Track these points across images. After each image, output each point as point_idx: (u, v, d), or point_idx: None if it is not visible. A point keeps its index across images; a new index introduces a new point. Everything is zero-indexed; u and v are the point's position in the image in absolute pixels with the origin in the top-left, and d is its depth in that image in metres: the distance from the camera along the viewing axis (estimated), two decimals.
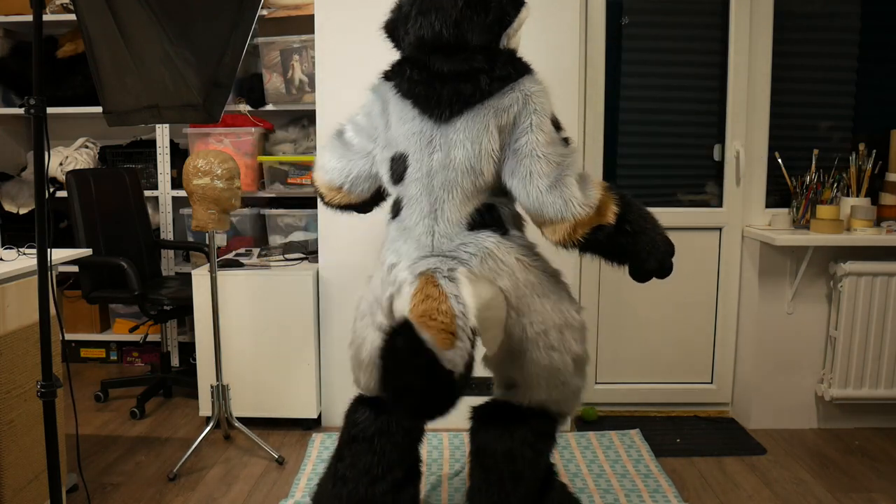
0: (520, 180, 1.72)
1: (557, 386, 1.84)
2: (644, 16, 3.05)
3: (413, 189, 1.82)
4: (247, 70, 3.62)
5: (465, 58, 1.75)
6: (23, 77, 3.69)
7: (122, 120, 1.86)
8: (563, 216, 1.70)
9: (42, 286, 1.64)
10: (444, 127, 1.77)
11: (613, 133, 3.09)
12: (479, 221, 1.79)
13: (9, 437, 1.98)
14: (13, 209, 3.67)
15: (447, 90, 1.76)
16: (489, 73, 1.74)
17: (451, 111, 1.76)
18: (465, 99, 1.75)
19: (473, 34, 1.74)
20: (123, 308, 3.89)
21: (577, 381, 1.90)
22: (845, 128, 3.10)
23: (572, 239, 1.73)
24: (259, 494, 2.46)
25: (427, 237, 1.80)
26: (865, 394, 2.90)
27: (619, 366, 3.17)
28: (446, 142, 1.77)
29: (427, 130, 1.79)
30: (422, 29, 1.75)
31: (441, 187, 1.78)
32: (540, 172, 1.70)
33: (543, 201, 1.70)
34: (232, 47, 1.69)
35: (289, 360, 2.94)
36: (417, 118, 1.80)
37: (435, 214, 1.79)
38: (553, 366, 1.81)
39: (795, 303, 2.95)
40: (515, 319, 1.79)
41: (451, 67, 1.76)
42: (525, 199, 1.74)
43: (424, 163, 1.80)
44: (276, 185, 3.43)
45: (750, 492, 2.47)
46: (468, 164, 1.76)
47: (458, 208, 1.78)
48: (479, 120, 1.74)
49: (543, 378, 1.82)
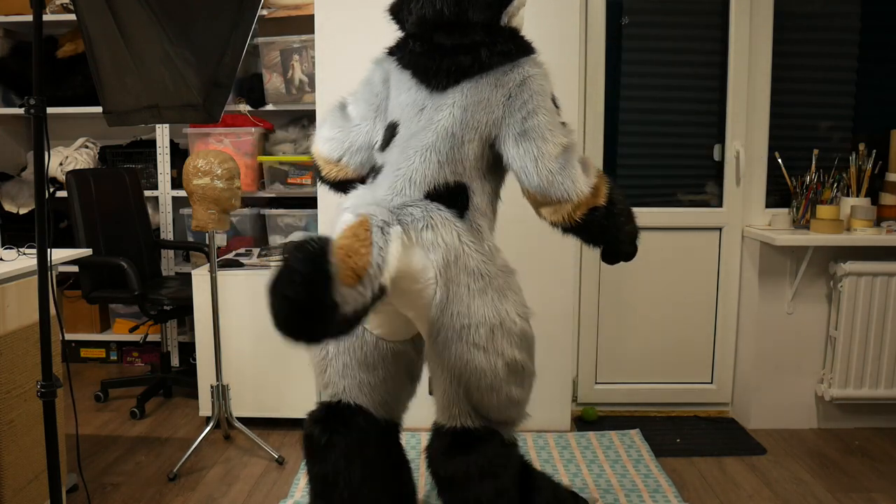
0: (531, 160, 1.71)
1: (484, 390, 1.72)
2: (644, 16, 3.05)
3: (393, 154, 1.79)
4: (247, 70, 3.62)
5: (467, 32, 1.76)
6: (23, 77, 3.69)
7: (122, 120, 1.86)
8: (570, 197, 1.70)
9: (42, 286, 1.64)
10: (437, 96, 1.77)
11: (613, 133, 3.09)
12: (440, 195, 1.73)
13: (9, 437, 1.98)
14: (13, 209, 3.67)
15: (446, 62, 1.76)
16: (490, 46, 1.75)
17: (448, 81, 1.76)
18: (464, 70, 1.75)
19: (474, 11, 1.75)
20: (123, 308, 3.89)
21: (515, 391, 1.77)
22: (845, 128, 3.10)
23: (572, 219, 1.72)
24: (259, 494, 2.46)
25: (386, 190, 1.75)
26: (865, 394, 2.90)
27: (619, 366, 3.17)
28: (437, 109, 1.76)
29: (420, 99, 1.79)
30: (423, 8, 1.76)
31: (416, 149, 1.75)
32: (550, 154, 1.70)
33: (553, 181, 1.70)
34: (232, 47, 1.69)
35: (289, 360, 2.94)
36: (414, 88, 1.80)
37: (399, 172, 1.75)
38: (476, 365, 1.69)
39: (795, 303, 2.95)
40: (440, 304, 1.68)
41: (452, 41, 1.76)
42: (534, 178, 1.71)
43: (411, 129, 1.78)
44: (276, 185, 3.43)
45: (750, 492, 2.47)
46: (451, 129, 1.73)
47: (426, 172, 1.73)
48: (475, 91, 1.74)
49: (468, 378, 1.71)
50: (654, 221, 3.03)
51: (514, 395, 1.77)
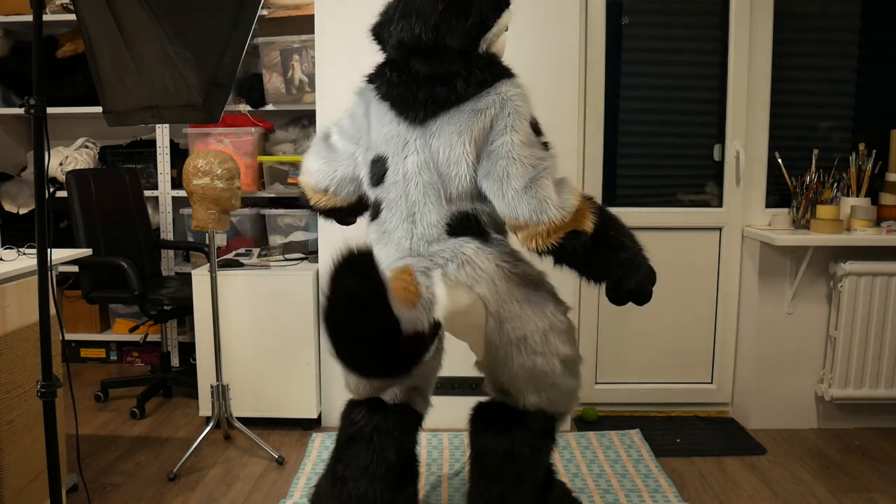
0: (495, 181, 1.69)
1: (546, 388, 1.84)
2: (644, 16, 3.05)
3: (392, 193, 1.82)
4: (247, 70, 3.62)
5: (442, 60, 1.74)
6: (23, 77, 3.69)
7: (122, 120, 1.86)
8: (539, 218, 1.65)
9: (42, 286, 1.64)
10: (419, 130, 1.77)
11: (613, 133, 3.09)
12: (458, 227, 1.77)
13: (9, 437, 1.98)
14: (13, 209, 3.67)
15: (422, 93, 1.76)
16: (466, 77, 1.73)
17: (426, 114, 1.76)
18: (441, 102, 1.74)
19: (452, 38, 1.73)
20: (123, 308, 3.89)
21: (570, 382, 1.89)
22: (845, 128, 3.10)
23: (546, 243, 1.67)
24: (259, 494, 2.46)
25: (406, 241, 1.80)
26: (865, 394, 2.90)
27: (619, 366, 3.17)
28: (421, 145, 1.77)
29: (403, 133, 1.79)
30: (402, 31, 1.76)
31: (417, 191, 1.77)
32: (515, 174, 1.67)
33: (518, 202, 1.66)
34: (232, 47, 1.69)
35: (289, 360, 2.94)
36: (394, 121, 1.81)
37: (413, 218, 1.79)
38: (538, 370, 1.80)
39: (795, 303, 2.95)
40: (495, 326, 1.77)
41: (427, 70, 1.75)
42: (500, 201, 1.70)
43: (400, 166, 1.80)
44: (276, 185, 3.43)
45: (750, 492, 2.47)
46: (443, 167, 1.75)
47: (436, 211, 1.77)
48: (454, 123, 1.73)
49: (531, 383, 1.82)
50: (654, 221, 3.03)
51: (571, 386, 1.89)
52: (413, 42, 1.75)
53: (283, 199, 3.54)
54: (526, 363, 1.79)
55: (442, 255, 1.74)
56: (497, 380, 1.89)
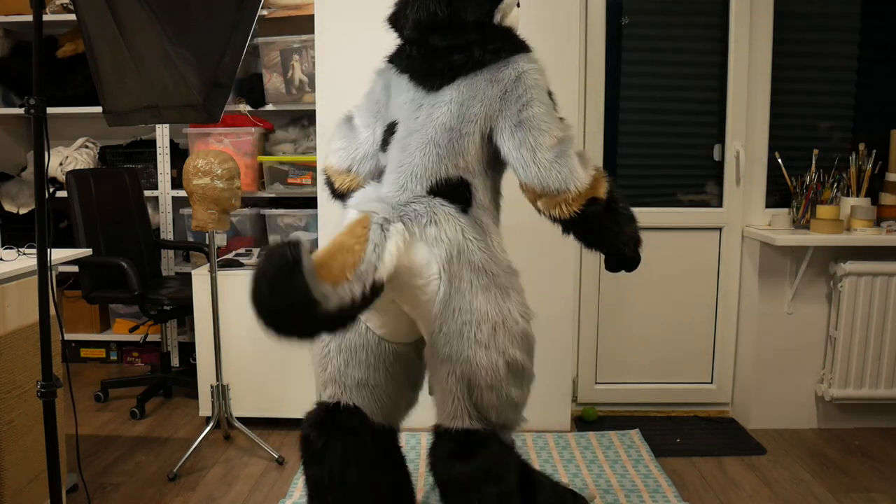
0: (528, 150, 1.71)
1: (484, 389, 1.71)
2: (644, 16, 3.05)
3: (393, 151, 1.83)
4: (247, 70, 3.62)
5: (460, 32, 1.78)
6: (23, 77, 3.69)
7: (122, 120, 1.86)
8: (567, 187, 1.69)
9: (42, 286, 1.64)
10: (434, 94, 1.80)
11: (613, 133, 3.09)
12: (442, 190, 1.75)
13: (9, 437, 1.98)
14: (13, 209, 3.67)
15: (440, 62, 1.80)
16: (482, 45, 1.77)
17: (443, 80, 1.79)
18: (457, 68, 1.78)
19: (466, 11, 1.78)
20: (123, 308, 3.89)
21: (512, 391, 1.75)
22: (845, 128, 3.10)
23: (570, 210, 1.71)
24: (259, 494, 2.46)
25: (388, 188, 1.79)
26: (865, 394, 2.90)
27: (619, 366, 3.17)
28: (434, 104, 1.79)
29: (418, 98, 1.82)
30: (418, 12, 1.80)
31: (416, 144, 1.78)
32: (546, 145, 1.70)
33: (549, 172, 1.69)
34: (232, 47, 1.69)
35: (289, 360, 2.94)
36: (412, 89, 1.84)
37: (402, 168, 1.78)
38: (477, 363, 1.68)
39: (795, 303, 2.95)
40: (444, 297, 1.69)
41: (445, 43, 1.79)
42: (532, 168, 1.71)
43: (409, 125, 1.81)
44: (276, 185, 3.43)
45: (750, 492, 2.47)
46: (449, 122, 1.76)
47: (427, 167, 1.76)
48: (470, 87, 1.76)
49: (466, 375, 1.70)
50: (654, 221, 3.03)
51: (513, 396, 1.76)
52: (429, 20, 1.79)
53: (283, 199, 3.54)
54: (465, 351, 1.68)
55: (414, 208, 1.72)
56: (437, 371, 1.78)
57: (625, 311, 3.13)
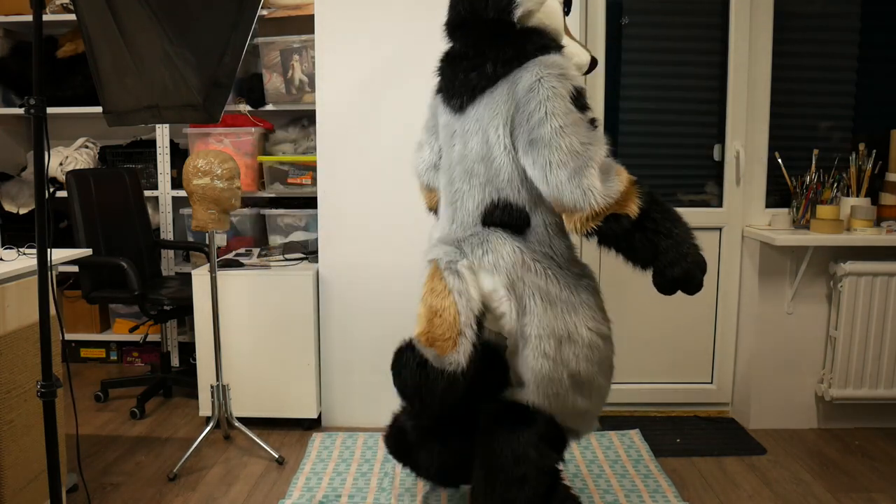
0: (539, 169, 1.71)
1: (549, 396, 1.83)
2: (644, 16, 3.05)
3: (443, 179, 1.95)
4: (247, 70, 3.62)
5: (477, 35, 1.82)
6: (23, 77, 3.69)
7: (122, 120, 1.86)
8: (581, 206, 1.67)
9: (42, 286, 1.64)
10: (461, 118, 1.87)
11: (614, 133, 3.09)
12: (493, 217, 1.83)
13: (9, 437, 1.98)
14: (13, 209, 3.67)
15: (459, 81, 1.85)
16: (493, 58, 1.78)
17: (463, 101, 1.85)
18: (473, 88, 1.82)
19: (486, 9, 1.81)
20: (123, 308, 3.90)
21: (579, 402, 1.86)
22: (845, 128, 3.10)
23: (585, 227, 1.70)
24: (259, 494, 2.46)
25: (448, 224, 1.91)
26: (865, 394, 2.89)
27: (619, 366, 3.13)
28: (462, 133, 1.86)
29: (451, 123, 1.91)
30: (448, 14, 1.91)
31: (460, 177, 1.87)
32: (559, 162, 1.67)
33: (562, 190, 1.68)
34: (232, 47, 1.69)
35: (289, 360, 2.94)
36: (446, 112, 1.93)
37: (455, 204, 1.88)
38: (544, 373, 1.80)
39: (795, 303, 2.95)
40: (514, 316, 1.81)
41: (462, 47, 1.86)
42: (545, 187, 1.72)
43: (448, 154, 1.92)
44: (276, 185, 3.43)
45: (750, 492, 2.47)
46: (481, 152, 1.81)
47: (474, 198, 1.84)
48: (490, 107, 1.79)
49: (534, 381, 1.82)
50: None
51: (579, 406, 1.87)
52: (454, 20, 1.87)
53: (283, 199, 3.54)
54: (532, 361, 1.80)
55: (470, 241, 1.82)
56: (515, 369, 1.91)
57: (625, 311, 3.13)
